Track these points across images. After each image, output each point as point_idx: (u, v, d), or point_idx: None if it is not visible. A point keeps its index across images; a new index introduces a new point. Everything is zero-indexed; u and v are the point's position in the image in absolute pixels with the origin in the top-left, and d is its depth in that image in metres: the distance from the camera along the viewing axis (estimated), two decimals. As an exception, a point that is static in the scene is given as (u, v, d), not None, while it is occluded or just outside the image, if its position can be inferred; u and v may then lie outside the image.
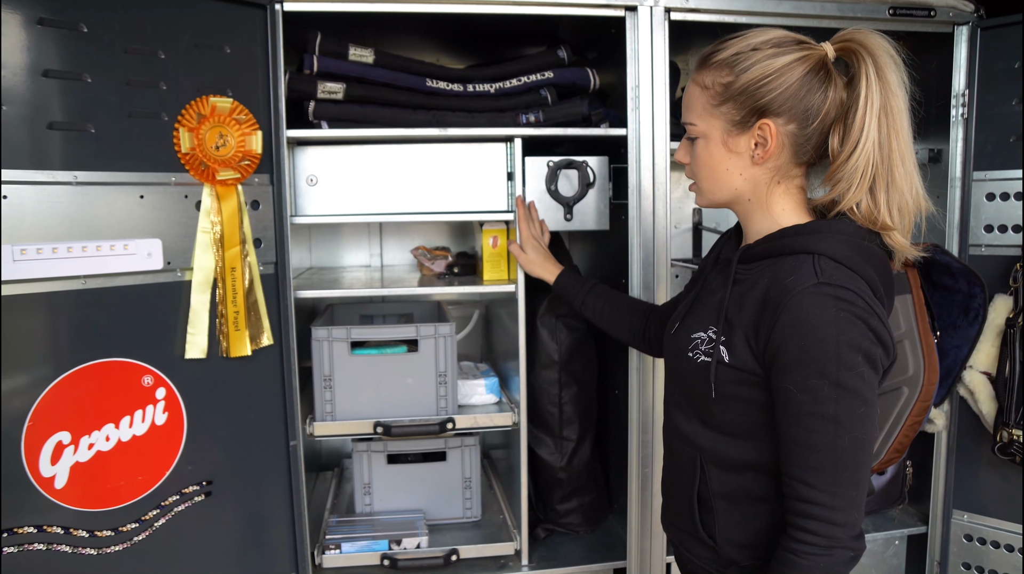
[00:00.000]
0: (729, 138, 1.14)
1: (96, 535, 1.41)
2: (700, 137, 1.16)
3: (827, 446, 1.01)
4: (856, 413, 1.01)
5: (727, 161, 1.15)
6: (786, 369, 1.03)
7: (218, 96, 1.50)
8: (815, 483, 1.02)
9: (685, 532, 1.27)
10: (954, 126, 1.93)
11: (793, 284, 1.05)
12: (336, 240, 2.49)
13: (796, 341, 1.02)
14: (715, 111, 1.14)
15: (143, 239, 1.44)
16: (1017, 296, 1.83)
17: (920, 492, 2.11)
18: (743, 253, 1.18)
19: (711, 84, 1.13)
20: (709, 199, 1.21)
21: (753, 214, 1.19)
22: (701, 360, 1.16)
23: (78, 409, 1.38)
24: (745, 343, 1.10)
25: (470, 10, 1.71)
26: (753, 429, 1.12)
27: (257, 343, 1.59)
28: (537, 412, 2.03)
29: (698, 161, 1.18)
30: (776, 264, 1.12)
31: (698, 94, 1.16)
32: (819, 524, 1.02)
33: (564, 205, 1.87)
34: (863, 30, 1.11)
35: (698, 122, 1.16)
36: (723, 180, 1.17)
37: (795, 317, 1.03)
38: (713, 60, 1.14)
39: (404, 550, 1.89)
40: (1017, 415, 1.81)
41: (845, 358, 1.00)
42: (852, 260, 1.09)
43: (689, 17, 1.78)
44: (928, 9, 1.87)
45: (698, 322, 1.21)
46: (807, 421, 1.02)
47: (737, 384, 1.11)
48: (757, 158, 1.14)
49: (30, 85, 1.29)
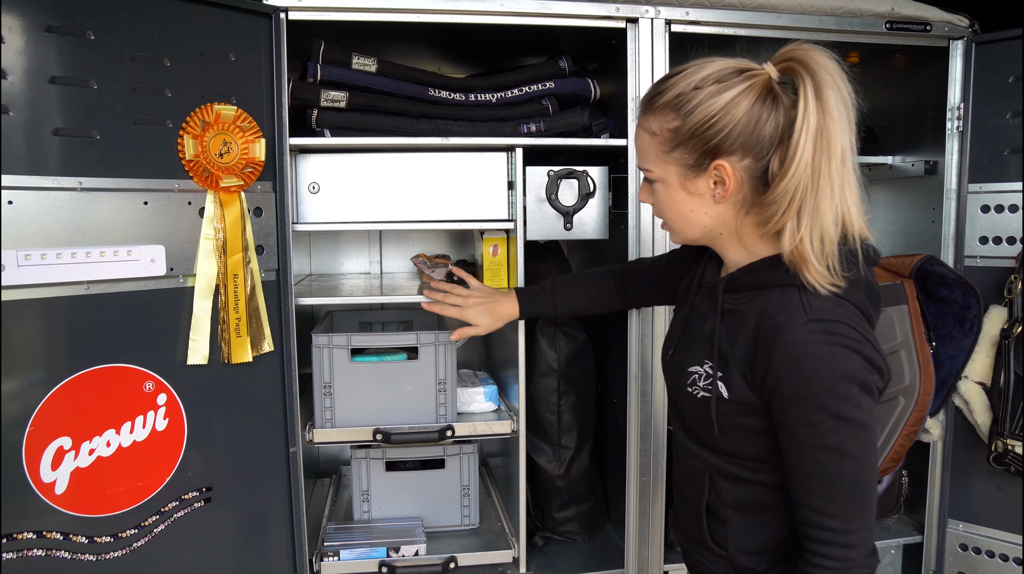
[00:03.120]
0: (687, 181, 1.12)
1: (95, 541, 1.40)
2: (658, 182, 1.15)
3: (833, 475, 1.02)
4: (857, 440, 1.02)
5: (690, 202, 1.14)
6: (785, 405, 1.04)
7: (222, 103, 1.51)
8: (826, 510, 1.03)
9: (695, 540, 1.27)
10: (950, 138, 1.96)
11: (783, 323, 1.04)
12: (336, 247, 2.50)
13: (792, 379, 1.02)
14: (668, 157, 1.12)
15: (146, 245, 1.44)
16: (1012, 307, 1.84)
17: (916, 501, 2.12)
18: (728, 282, 1.16)
19: (659, 131, 1.11)
20: (682, 238, 1.20)
21: (727, 246, 1.18)
22: (701, 396, 1.15)
23: (79, 415, 1.38)
24: (742, 379, 1.09)
25: (472, 20, 1.73)
26: (759, 454, 1.13)
27: (258, 349, 1.60)
28: (536, 420, 2.04)
29: (661, 205, 1.17)
30: (763, 296, 1.10)
31: (648, 140, 1.13)
32: (834, 549, 1.03)
33: (564, 214, 1.88)
34: (804, 46, 1.06)
35: (653, 168, 1.14)
36: (690, 220, 1.15)
37: (789, 357, 1.02)
38: (657, 104, 1.11)
39: (402, 557, 1.88)
40: (1012, 425, 1.82)
41: (842, 391, 1.00)
42: (838, 287, 1.06)
43: (689, 29, 1.80)
44: (924, 24, 1.90)
45: (692, 354, 1.19)
46: (811, 453, 1.03)
47: (739, 415, 1.11)
48: (718, 197, 1.11)
49: (36, 91, 1.29)
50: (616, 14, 1.77)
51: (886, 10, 1.87)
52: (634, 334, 1.87)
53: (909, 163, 2.11)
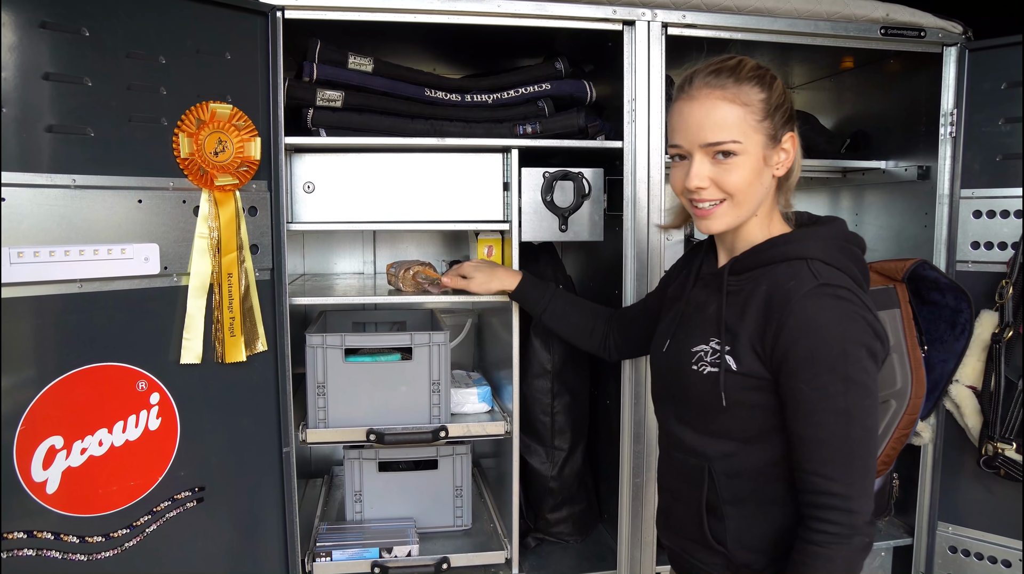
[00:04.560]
0: (768, 152, 1.16)
1: (87, 541, 1.40)
2: (741, 154, 1.14)
3: (839, 438, 1.06)
4: (863, 404, 1.06)
5: (762, 174, 1.17)
6: (795, 369, 1.08)
7: (218, 102, 1.50)
8: (831, 475, 1.07)
9: (691, 540, 1.28)
10: (943, 144, 1.97)
11: (795, 288, 1.09)
12: (329, 247, 2.50)
13: (804, 342, 1.07)
14: (759, 126, 1.14)
15: (140, 243, 1.44)
16: (1003, 312, 1.86)
17: (906, 504, 2.13)
18: (733, 265, 1.21)
19: (751, 101, 1.14)
20: (736, 219, 1.18)
21: (751, 226, 1.22)
22: (708, 371, 1.17)
23: (72, 414, 1.37)
24: (751, 349, 1.13)
25: (469, 21, 1.72)
26: (762, 433, 1.15)
27: (252, 349, 1.59)
28: (529, 421, 2.04)
29: (736, 179, 1.15)
30: (770, 271, 1.15)
31: (738, 112, 1.13)
32: (838, 513, 1.06)
33: (559, 216, 1.88)
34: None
35: (742, 139, 1.14)
36: (754, 195, 1.17)
37: (801, 320, 1.07)
38: (742, 75, 1.14)
39: (395, 558, 1.88)
40: (1002, 429, 1.83)
41: (851, 353, 1.06)
42: (839, 260, 1.15)
43: (686, 33, 1.81)
44: (918, 30, 1.91)
45: (694, 336, 1.22)
46: (819, 417, 1.07)
47: (745, 390, 1.14)
48: (780, 168, 1.19)
49: (29, 87, 1.28)
50: (613, 16, 1.77)
51: (881, 16, 1.88)
52: (628, 336, 1.87)
53: (902, 168, 2.12)
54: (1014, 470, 1.84)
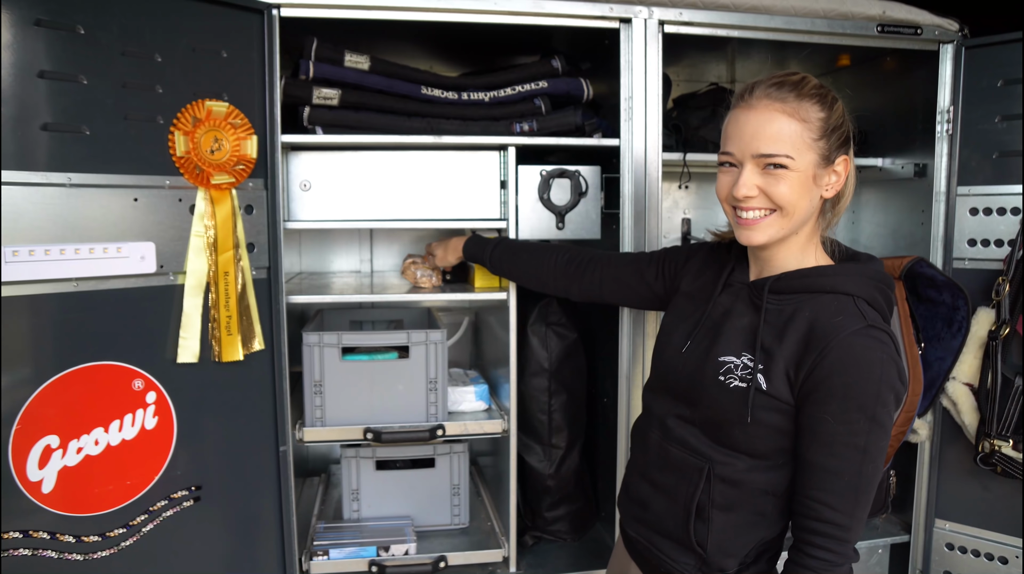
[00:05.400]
0: (819, 171, 1.16)
1: (83, 540, 1.39)
2: (792, 170, 1.13)
3: (852, 473, 1.08)
4: (880, 445, 1.09)
5: (809, 194, 1.16)
6: (825, 401, 1.09)
7: (214, 100, 1.50)
8: (837, 506, 1.09)
9: (667, 537, 1.27)
10: (939, 142, 1.97)
11: (843, 325, 1.10)
12: (326, 245, 2.49)
13: (842, 377, 1.08)
14: (813, 145, 1.14)
15: (136, 242, 1.43)
16: (999, 309, 1.86)
17: (903, 501, 2.14)
18: (774, 284, 1.20)
19: (810, 119, 1.14)
20: (779, 232, 1.17)
21: (788, 248, 1.21)
22: (735, 386, 1.17)
23: (67, 413, 1.36)
24: (784, 374, 1.13)
25: (465, 19, 1.72)
26: (770, 452, 1.16)
27: (249, 348, 1.59)
28: (526, 419, 2.04)
29: (783, 195, 1.14)
30: (813, 300, 1.16)
31: (796, 128, 1.13)
32: (836, 542, 1.09)
33: (556, 214, 1.88)
34: None
35: (796, 155, 1.13)
36: (805, 213, 1.17)
37: (844, 356, 1.08)
38: (804, 91, 1.14)
39: (392, 557, 1.88)
40: (999, 426, 1.84)
41: (883, 396, 1.08)
42: (877, 302, 1.16)
43: (682, 30, 1.81)
44: (915, 27, 1.91)
45: (724, 346, 1.21)
46: (839, 450, 1.08)
47: (767, 410, 1.15)
48: (830, 190, 1.19)
49: (25, 86, 1.28)
50: (610, 14, 1.77)
51: (877, 13, 1.88)
52: (625, 334, 1.88)
53: (899, 165, 2.12)
54: (1011, 467, 1.84)
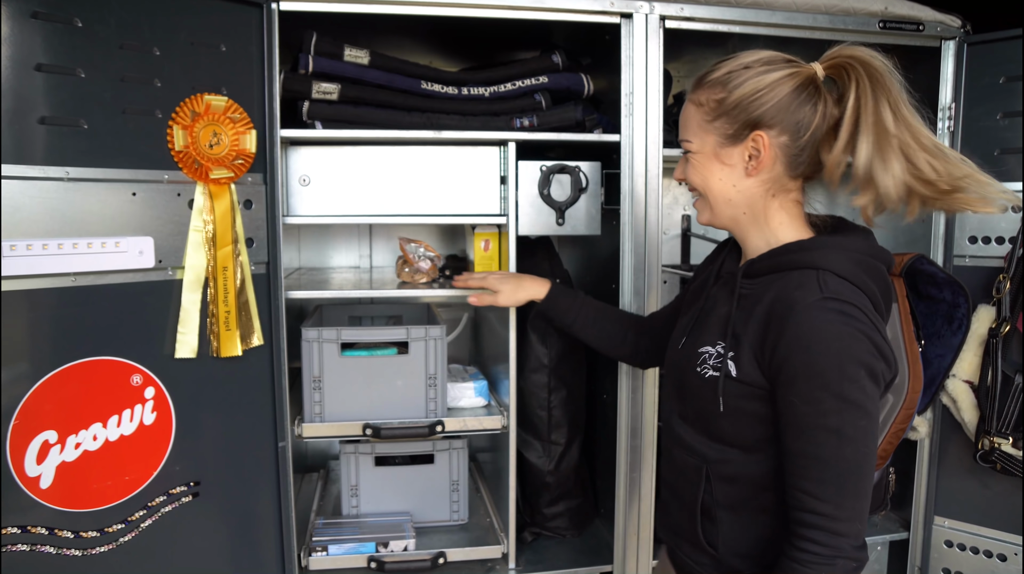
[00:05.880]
0: (722, 150, 1.18)
1: (81, 536, 1.39)
2: (695, 152, 1.20)
3: (831, 458, 1.03)
4: (858, 425, 1.04)
5: (720, 172, 1.19)
6: (791, 382, 1.06)
7: (213, 94, 1.49)
8: (819, 494, 1.04)
9: (684, 538, 1.27)
10: (941, 138, 1.96)
11: (798, 298, 1.07)
12: (325, 240, 2.49)
13: (801, 355, 1.04)
14: (709, 127, 1.18)
15: (134, 237, 1.43)
16: (1000, 306, 1.86)
17: (902, 498, 2.14)
18: (747, 268, 1.20)
19: (705, 102, 1.18)
20: (708, 215, 1.24)
21: (750, 229, 1.22)
22: (709, 375, 1.17)
23: (65, 408, 1.36)
24: (752, 357, 1.11)
25: (465, 14, 1.71)
26: (758, 442, 1.14)
27: (247, 343, 1.58)
28: (526, 416, 2.04)
29: (694, 175, 1.22)
30: (781, 279, 1.13)
31: (693, 112, 1.20)
32: (823, 534, 1.04)
33: (556, 210, 1.88)
34: (850, 45, 1.16)
35: (693, 139, 1.20)
36: (718, 192, 1.20)
37: (800, 331, 1.05)
38: (707, 80, 1.18)
39: (391, 553, 1.88)
40: (999, 423, 1.84)
41: (848, 371, 1.03)
42: (855, 275, 1.11)
43: (684, 26, 1.80)
44: (917, 23, 1.90)
45: (705, 337, 1.22)
46: (811, 433, 1.04)
47: (744, 398, 1.13)
48: (751, 169, 1.17)
49: (22, 79, 1.27)
50: (611, 9, 1.76)
51: (879, 9, 1.88)
52: (625, 330, 1.87)
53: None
54: (1011, 464, 1.84)
